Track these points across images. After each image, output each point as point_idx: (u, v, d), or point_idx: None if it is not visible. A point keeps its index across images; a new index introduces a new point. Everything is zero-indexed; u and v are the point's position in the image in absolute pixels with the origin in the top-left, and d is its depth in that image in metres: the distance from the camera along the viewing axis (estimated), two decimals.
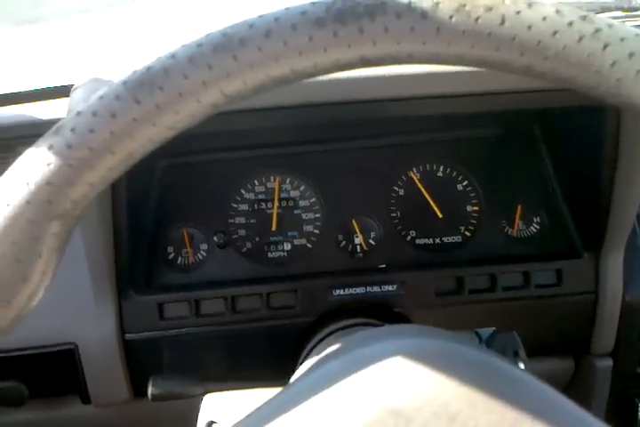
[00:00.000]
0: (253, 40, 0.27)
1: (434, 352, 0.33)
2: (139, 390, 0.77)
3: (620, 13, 1.00)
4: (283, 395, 0.34)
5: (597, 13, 0.99)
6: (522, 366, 0.55)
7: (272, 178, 0.85)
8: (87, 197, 0.28)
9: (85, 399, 0.76)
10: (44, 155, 0.27)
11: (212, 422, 0.56)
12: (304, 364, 0.53)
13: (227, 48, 0.27)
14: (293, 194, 0.85)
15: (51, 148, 0.27)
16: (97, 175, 0.27)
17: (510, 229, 0.86)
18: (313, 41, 0.27)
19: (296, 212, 0.85)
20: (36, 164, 0.27)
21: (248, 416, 0.33)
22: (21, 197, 0.26)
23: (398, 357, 0.32)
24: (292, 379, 0.48)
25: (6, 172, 0.27)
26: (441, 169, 0.86)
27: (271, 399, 0.34)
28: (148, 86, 0.27)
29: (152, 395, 0.66)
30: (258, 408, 0.34)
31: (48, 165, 0.26)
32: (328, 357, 0.38)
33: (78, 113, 0.27)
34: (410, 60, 0.28)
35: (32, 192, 0.26)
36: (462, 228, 0.86)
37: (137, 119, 0.27)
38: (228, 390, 0.61)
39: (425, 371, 0.31)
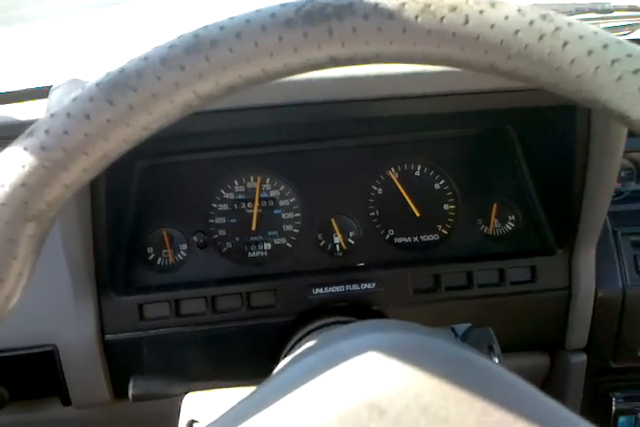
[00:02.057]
0: (225, 41, 0.27)
1: (407, 346, 0.34)
2: (119, 391, 0.77)
3: (594, 15, 1.01)
4: (259, 391, 0.35)
5: (572, 15, 1.00)
6: (496, 360, 0.56)
7: (252, 178, 0.85)
8: (62, 198, 0.28)
9: (66, 401, 0.76)
10: (18, 157, 0.27)
11: (193, 422, 0.56)
12: (282, 361, 0.54)
13: (198, 49, 0.27)
14: (273, 194, 0.86)
15: (25, 149, 0.27)
16: (72, 176, 0.27)
17: (486, 228, 0.87)
18: (283, 41, 0.27)
19: (276, 211, 0.85)
20: (10, 165, 0.27)
21: (226, 414, 0.34)
22: None
23: (372, 351, 0.33)
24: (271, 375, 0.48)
25: None
26: (419, 168, 0.87)
27: (248, 396, 0.35)
28: (121, 88, 0.27)
29: (133, 395, 0.66)
30: (235, 405, 0.34)
31: (23, 166, 0.27)
32: (303, 353, 0.39)
33: (52, 115, 0.27)
34: (378, 59, 0.29)
35: (7, 194, 0.26)
36: (439, 226, 0.87)
37: (111, 120, 0.27)
38: (208, 389, 0.62)
39: (398, 364, 0.31)
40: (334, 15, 0.27)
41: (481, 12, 0.27)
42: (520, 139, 0.87)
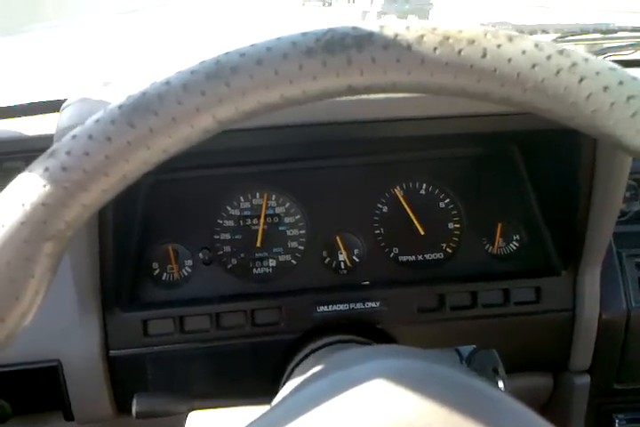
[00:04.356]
0: (245, 68, 0.28)
1: (415, 374, 0.34)
2: (122, 407, 0.76)
3: (598, 35, 1.02)
4: (264, 418, 0.35)
5: (576, 35, 1.01)
6: (501, 383, 0.56)
7: (258, 194, 0.86)
8: (81, 218, 0.28)
9: (69, 416, 0.76)
10: (39, 177, 0.27)
11: None
12: (287, 384, 0.54)
13: (219, 75, 0.28)
14: (279, 210, 0.86)
15: (46, 170, 0.27)
16: (91, 197, 0.28)
17: (491, 247, 0.87)
18: (303, 70, 0.28)
19: (281, 228, 0.86)
20: (31, 185, 0.27)
21: None
22: (16, 218, 0.27)
23: (379, 379, 0.33)
24: (276, 400, 0.48)
25: (1, 193, 0.28)
26: (424, 187, 0.88)
27: (253, 422, 0.35)
28: (142, 111, 0.28)
29: (136, 412, 0.66)
30: None
31: (43, 186, 0.27)
32: (309, 379, 0.39)
33: (74, 136, 0.28)
34: (395, 89, 0.29)
35: (27, 213, 0.27)
36: (444, 245, 0.87)
37: (131, 143, 0.28)
38: (212, 407, 0.62)
39: (407, 393, 0.31)
40: (354, 45, 0.28)
41: (499, 46, 0.27)
42: (525, 160, 0.87)
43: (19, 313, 0.28)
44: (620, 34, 1.03)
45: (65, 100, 0.65)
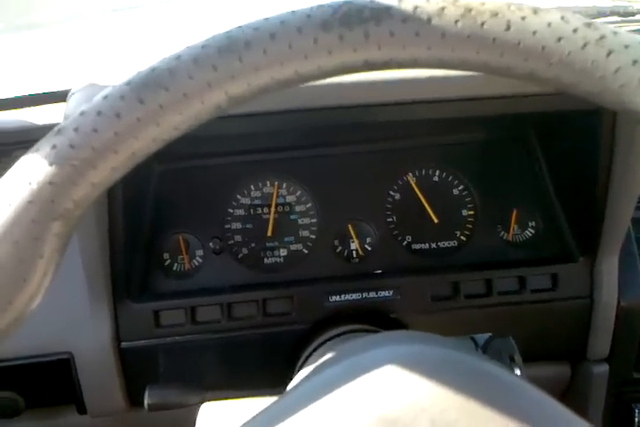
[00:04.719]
0: (259, 42, 0.27)
1: (430, 360, 0.33)
2: (135, 400, 0.76)
3: (616, 18, 1.00)
4: (278, 404, 0.34)
5: (594, 18, 0.99)
6: (517, 371, 0.55)
7: (268, 183, 0.85)
8: (90, 197, 0.28)
9: (81, 409, 0.76)
10: (46, 155, 0.27)
11: None
12: (300, 372, 0.53)
13: (232, 50, 0.27)
14: (289, 199, 0.85)
15: (53, 147, 0.27)
16: (100, 175, 0.27)
17: (506, 234, 0.86)
18: (318, 44, 0.27)
19: (292, 217, 0.85)
20: (38, 163, 0.27)
21: (245, 425, 0.33)
22: (24, 197, 0.26)
23: (394, 364, 0.32)
24: (289, 387, 0.48)
25: (8, 172, 0.27)
26: (437, 173, 0.86)
27: (267, 408, 0.34)
28: (152, 87, 0.27)
29: (148, 404, 0.65)
30: (254, 417, 0.34)
31: (51, 164, 0.26)
32: (323, 365, 0.38)
33: (82, 112, 0.27)
34: (415, 64, 0.28)
35: (34, 192, 0.26)
36: (458, 232, 0.86)
37: (141, 119, 0.27)
38: (224, 398, 0.61)
39: (421, 379, 0.31)
40: (372, 18, 0.27)
41: (523, 18, 0.26)
42: (541, 144, 0.86)
43: (27, 295, 0.27)
44: (638, 16, 1.00)
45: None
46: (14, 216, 0.26)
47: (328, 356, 0.41)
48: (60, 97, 0.80)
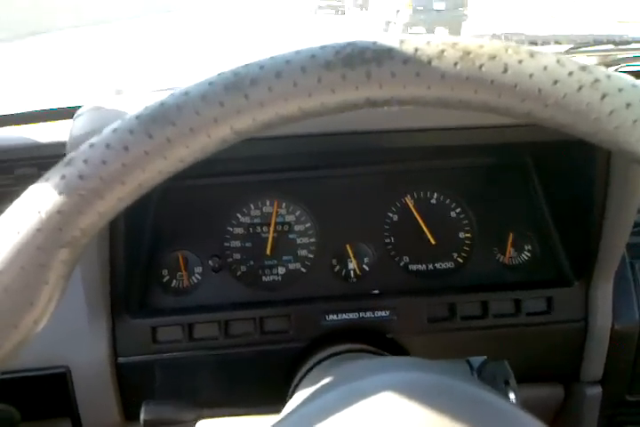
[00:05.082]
0: (264, 80, 0.28)
1: (426, 387, 0.34)
2: (130, 415, 0.76)
3: (611, 46, 1.02)
4: None
5: (589, 46, 1.01)
6: (512, 395, 0.56)
7: (268, 202, 0.86)
8: (96, 225, 0.29)
9: (76, 423, 0.76)
10: (55, 184, 0.28)
11: None
12: (297, 394, 0.53)
13: (238, 87, 0.28)
14: (289, 218, 0.86)
15: (63, 177, 0.28)
16: (107, 205, 0.28)
17: (502, 257, 0.87)
18: (321, 82, 0.28)
19: (291, 236, 0.86)
20: (47, 193, 0.28)
21: None
22: (32, 225, 0.27)
23: (390, 391, 0.33)
24: (285, 410, 0.48)
25: (17, 200, 0.28)
26: (435, 196, 0.87)
27: None
28: (160, 121, 0.28)
29: (144, 421, 0.65)
30: None
31: (60, 194, 0.27)
32: (321, 390, 0.39)
33: (91, 145, 0.28)
34: (415, 103, 0.29)
35: (43, 220, 0.27)
36: (455, 254, 0.87)
37: (149, 152, 0.28)
38: (220, 416, 0.61)
39: (417, 406, 0.31)
40: (374, 60, 0.28)
41: (520, 61, 0.27)
42: (538, 170, 0.87)
43: (32, 319, 0.28)
44: (633, 45, 1.02)
45: (75, 107, 0.65)
46: (22, 243, 0.27)
47: (325, 380, 0.41)
48: (63, 114, 0.81)
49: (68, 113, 0.65)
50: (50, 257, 0.28)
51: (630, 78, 0.28)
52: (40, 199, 0.28)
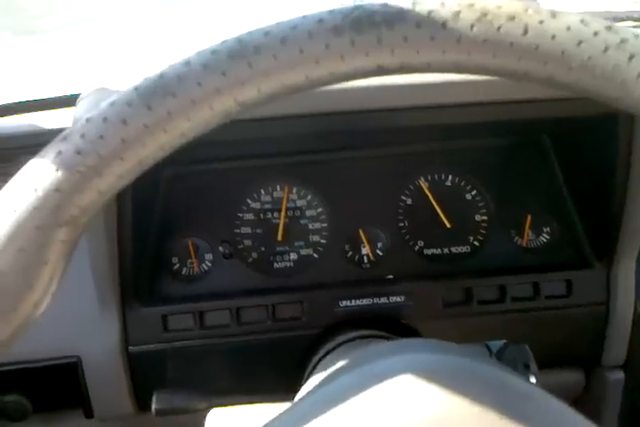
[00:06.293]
0: (269, 47, 0.26)
1: (446, 369, 0.32)
2: (143, 404, 0.75)
3: (630, 23, 0.99)
4: (290, 412, 0.34)
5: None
6: (533, 379, 0.54)
7: (278, 187, 0.84)
8: (96, 204, 0.28)
9: (88, 413, 0.75)
10: (52, 161, 0.26)
11: None
12: (311, 378, 0.52)
13: (242, 55, 0.26)
14: (300, 204, 0.84)
15: (59, 154, 0.26)
16: (106, 182, 0.27)
17: (519, 239, 0.85)
18: (330, 49, 0.26)
19: (302, 222, 0.84)
20: (44, 170, 0.26)
21: None
22: (29, 204, 0.26)
23: (409, 373, 0.31)
24: (299, 395, 0.47)
25: (13, 178, 0.27)
26: (449, 178, 0.85)
27: (278, 417, 0.34)
28: (160, 93, 0.27)
29: (156, 409, 0.65)
30: (266, 425, 0.33)
31: (56, 171, 0.26)
32: (337, 372, 0.37)
33: (88, 119, 0.27)
34: (429, 69, 0.28)
35: (40, 198, 0.26)
36: (471, 238, 0.85)
37: (148, 126, 0.27)
38: (233, 404, 0.60)
39: (437, 388, 0.30)
40: (384, 23, 0.26)
41: (541, 22, 0.26)
42: (556, 149, 0.85)
43: (32, 302, 0.27)
44: None
45: (79, 94, 0.64)
46: (19, 223, 0.26)
47: (341, 363, 0.40)
48: (66, 102, 0.80)
49: (71, 101, 0.64)
50: (48, 237, 0.26)
51: None
52: (36, 177, 0.26)
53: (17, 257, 0.26)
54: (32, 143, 0.76)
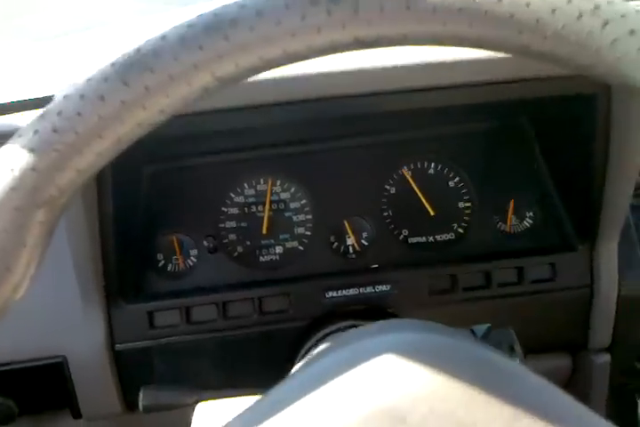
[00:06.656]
0: (245, 20, 0.26)
1: (429, 348, 0.32)
2: (130, 402, 0.75)
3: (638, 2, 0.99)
4: (273, 394, 0.33)
5: None
6: (518, 361, 0.54)
7: (262, 180, 0.84)
8: (74, 183, 0.27)
9: (76, 414, 0.74)
10: (28, 140, 0.26)
11: None
12: (298, 364, 0.52)
13: (218, 28, 0.26)
14: (284, 196, 0.84)
15: (36, 133, 0.26)
16: (85, 161, 0.27)
17: (503, 225, 0.85)
18: (306, 20, 0.26)
19: (287, 214, 0.84)
20: (20, 150, 0.26)
21: (239, 416, 0.32)
22: (6, 184, 0.26)
23: (392, 353, 0.31)
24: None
25: None
26: (432, 166, 0.85)
27: (262, 398, 0.33)
28: (137, 68, 0.26)
29: (143, 406, 0.64)
30: (249, 407, 0.33)
31: (33, 150, 0.26)
32: (322, 353, 0.37)
33: (65, 96, 0.26)
34: (406, 41, 0.27)
35: (17, 178, 0.26)
36: (455, 225, 0.85)
37: (126, 102, 0.26)
38: (220, 398, 0.60)
39: (421, 367, 0.30)
40: None
41: None
42: (536, 132, 0.85)
43: (10, 286, 0.26)
44: None
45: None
46: None
47: (326, 344, 0.39)
48: (45, 103, 0.79)
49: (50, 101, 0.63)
50: (27, 218, 0.26)
51: (634, 4, 0.25)
52: (13, 156, 0.26)
53: None
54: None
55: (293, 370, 0.48)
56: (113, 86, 0.26)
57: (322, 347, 0.40)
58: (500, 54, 0.28)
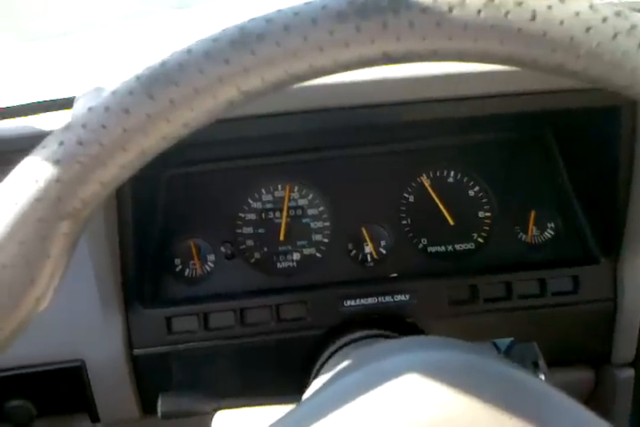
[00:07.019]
0: (272, 34, 0.26)
1: (454, 366, 0.32)
2: (148, 407, 0.75)
3: None
4: (295, 413, 0.33)
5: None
6: (542, 377, 0.53)
7: (280, 186, 0.84)
8: (98, 196, 0.27)
9: (94, 417, 0.75)
10: (53, 152, 0.26)
11: None
12: (317, 378, 0.52)
13: (244, 43, 0.26)
14: (301, 202, 0.84)
15: (61, 144, 0.26)
16: (108, 173, 0.27)
17: (524, 235, 0.84)
18: (334, 36, 0.26)
19: (304, 221, 0.83)
20: (45, 161, 0.26)
21: None
22: (30, 195, 0.26)
23: (418, 372, 0.31)
24: (306, 395, 0.46)
25: (14, 170, 0.27)
26: (452, 174, 0.85)
27: (284, 417, 0.33)
28: (162, 81, 0.26)
29: (162, 412, 0.64)
30: (272, 425, 0.33)
31: (58, 162, 0.26)
32: (343, 371, 0.37)
33: (90, 109, 0.27)
34: (435, 57, 0.27)
35: (41, 190, 0.26)
36: (475, 235, 0.84)
37: (151, 115, 0.26)
38: (238, 406, 0.60)
39: (446, 386, 0.29)
40: (389, 9, 0.25)
41: (549, 7, 0.25)
42: (559, 143, 0.84)
43: (34, 297, 0.26)
44: None
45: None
46: (20, 215, 0.25)
47: (347, 362, 0.39)
48: (63, 104, 0.79)
49: (68, 103, 0.63)
50: (51, 229, 0.26)
51: None
52: (37, 168, 0.26)
53: (19, 250, 0.25)
54: (32, 146, 0.76)
55: (312, 387, 0.47)
56: (138, 99, 0.26)
57: (343, 363, 0.40)
58: None
